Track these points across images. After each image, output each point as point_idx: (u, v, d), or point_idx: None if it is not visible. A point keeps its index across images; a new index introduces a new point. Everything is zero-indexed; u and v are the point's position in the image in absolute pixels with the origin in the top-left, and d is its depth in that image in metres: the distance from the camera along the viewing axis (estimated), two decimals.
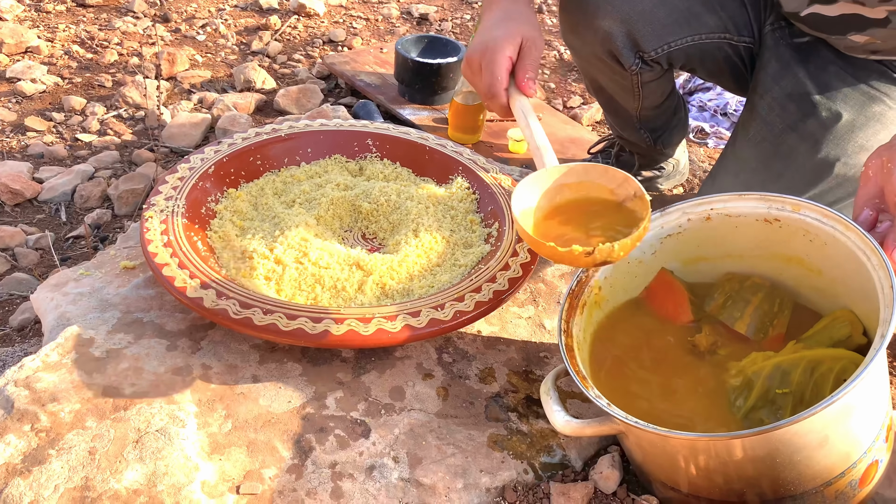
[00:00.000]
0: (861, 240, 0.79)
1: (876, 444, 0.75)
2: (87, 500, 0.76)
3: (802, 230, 0.86)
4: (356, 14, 2.32)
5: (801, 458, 0.70)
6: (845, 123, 1.13)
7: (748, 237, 0.91)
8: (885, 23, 1.08)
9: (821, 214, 0.84)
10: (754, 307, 0.89)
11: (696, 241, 0.93)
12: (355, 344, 0.88)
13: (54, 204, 1.49)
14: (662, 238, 0.93)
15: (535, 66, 0.98)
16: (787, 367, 0.79)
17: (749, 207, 0.89)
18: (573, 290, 0.88)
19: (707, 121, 1.89)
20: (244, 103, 1.79)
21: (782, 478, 0.71)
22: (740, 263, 0.94)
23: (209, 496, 0.78)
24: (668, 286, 0.92)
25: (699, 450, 0.73)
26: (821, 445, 0.70)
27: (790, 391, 0.77)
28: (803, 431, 0.69)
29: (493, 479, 0.84)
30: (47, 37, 2.02)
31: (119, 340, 0.93)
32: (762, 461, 0.70)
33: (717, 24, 1.21)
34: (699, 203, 0.92)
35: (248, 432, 0.85)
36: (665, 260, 0.94)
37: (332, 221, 1.09)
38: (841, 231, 0.82)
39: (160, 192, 1.04)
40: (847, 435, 0.72)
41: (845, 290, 0.85)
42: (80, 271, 1.04)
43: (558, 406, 0.79)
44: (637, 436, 0.76)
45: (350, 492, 0.81)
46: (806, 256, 0.88)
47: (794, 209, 0.87)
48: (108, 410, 0.84)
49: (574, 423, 0.78)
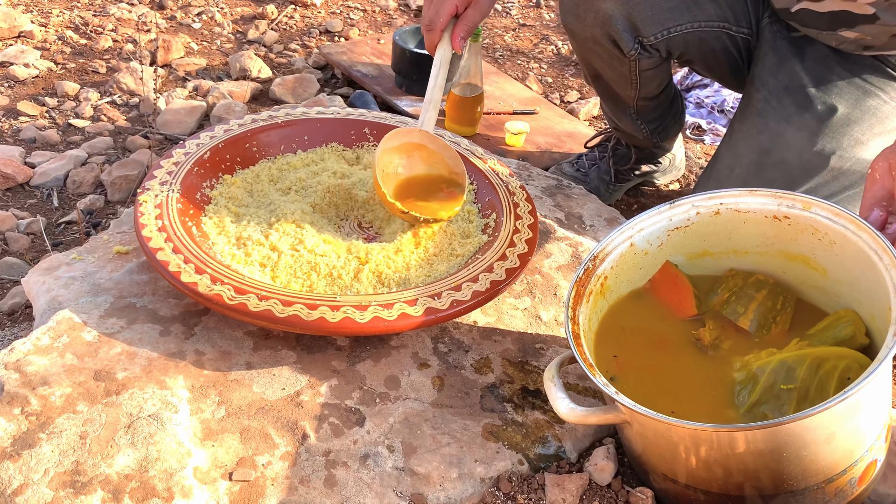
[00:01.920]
0: (873, 239, 0.79)
1: (877, 444, 0.76)
2: (77, 484, 0.75)
3: (812, 228, 0.86)
4: (353, 5, 2.31)
5: (807, 454, 0.70)
6: (841, 117, 1.14)
7: (755, 234, 0.91)
8: (873, 19, 1.09)
9: (832, 213, 0.84)
10: (758, 303, 0.89)
11: (702, 235, 0.93)
12: (351, 331, 0.87)
13: (46, 189, 1.47)
14: (670, 231, 0.93)
15: (470, 27, 1.09)
16: (792, 364, 0.79)
17: (759, 203, 0.89)
18: (580, 278, 0.88)
19: (704, 117, 1.89)
20: (240, 91, 1.78)
21: (786, 472, 0.71)
22: (744, 260, 0.94)
23: (201, 482, 0.77)
24: (672, 279, 0.92)
25: (703, 440, 0.72)
26: (828, 441, 0.70)
27: (795, 387, 0.77)
28: (813, 426, 0.69)
29: (487, 470, 0.83)
30: (41, 22, 2.00)
31: (112, 325, 0.92)
32: (768, 455, 0.70)
33: (717, 12, 1.21)
34: (710, 197, 0.92)
35: (241, 419, 0.84)
36: (670, 253, 0.94)
37: (328, 209, 1.08)
38: (852, 230, 0.82)
39: (155, 177, 1.03)
40: (853, 432, 0.72)
41: (850, 291, 0.86)
42: (73, 256, 1.03)
43: (563, 393, 0.79)
44: (641, 424, 0.76)
45: (344, 480, 0.80)
46: (812, 255, 0.88)
47: (805, 207, 0.87)
48: (99, 395, 0.83)
49: (579, 410, 0.77)
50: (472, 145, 1.20)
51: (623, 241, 0.92)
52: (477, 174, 1.14)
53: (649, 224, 0.93)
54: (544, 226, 1.19)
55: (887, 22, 1.08)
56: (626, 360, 0.87)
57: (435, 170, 1.10)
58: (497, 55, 2.13)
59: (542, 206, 1.25)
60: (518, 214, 1.06)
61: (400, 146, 1.09)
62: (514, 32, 2.26)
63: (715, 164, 1.27)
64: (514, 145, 1.65)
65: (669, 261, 0.94)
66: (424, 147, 1.10)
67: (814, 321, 0.88)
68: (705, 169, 1.33)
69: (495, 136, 1.69)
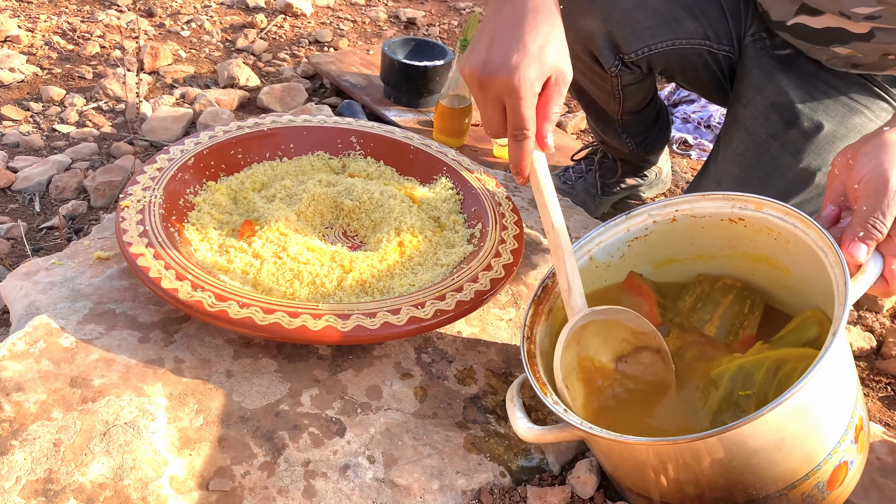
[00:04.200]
0: (819, 237, 0.77)
1: (843, 445, 0.73)
2: (49, 492, 0.73)
3: (766, 229, 0.84)
4: (343, 16, 2.31)
5: (758, 461, 0.68)
6: (827, 134, 1.14)
7: (716, 238, 0.89)
8: (868, 37, 1.09)
9: (781, 212, 0.82)
10: (724, 309, 0.88)
11: (664, 243, 0.92)
12: (333, 340, 0.86)
13: (28, 194, 1.46)
14: (629, 241, 0.92)
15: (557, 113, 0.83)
16: (749, 369, 0.77)
17: (713, 207, 0.88)
18: (538, 296, 0.87)
19: (691, 133, 1.90)
20: (227, 99, 1.77)
21: (743, 481, 0.70)
22: (711, 264, 0.92)
23: (177, 492, 0.76)
24: (636, 290, 0.91)
25: (661, 455, 0.71)
26: (778, 448, 0.68)
27: (753, 392, 0.75)
28: (756, 433, 0.67)
29: (469, 482, 0.82)
30: (28, 27, 1.99)
31: (90, 331, 0.90)
32: (721, 464, 0.68)
33: (698, 30, 1.22)
34: (665, 205, 0.90)
35: (219, 428, 0.83)
36: (634, 263, 0.93)
37: (313, 217, 1.07)
38: (801, 228, 0.80)
39: (138, 182, 1.02)
40: (807, 436, 0.69)
41: (813, 290, 0.84)
42: (52, 261, 1.01)
43: (521, 413, 0.78)
44: (597, 443, 0.75)
45: (323, 491, 0.79)
46: (773, 255, 0.86)
47: (757, 208, 0.85)
48: (75, 402, 0.81)
49: (535, 429, 0.76)
50: (459, 156, 1.20)
51: (582, 255, 0.91)
52: (463, 185, 1.14)
53: (607, 236, 0.92)
54: (530, 237, 1.18)
55: (882, 41, 1.09)
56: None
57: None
58: None
59: (529, 218, 1.24)
60: (504, 225, 1.06)
61: None
62: None
63: (702, 179, 1.27)
64: (501, 157, 1.65)
65: (633, 271, 0.93)
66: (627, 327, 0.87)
67: (784, 324, 0.86)
68: (691, 183, 1.33)
69: (483, 147, 1.69)
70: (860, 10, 1.06)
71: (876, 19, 1.05)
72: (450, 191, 1.14)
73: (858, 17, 1.07)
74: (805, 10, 1.12)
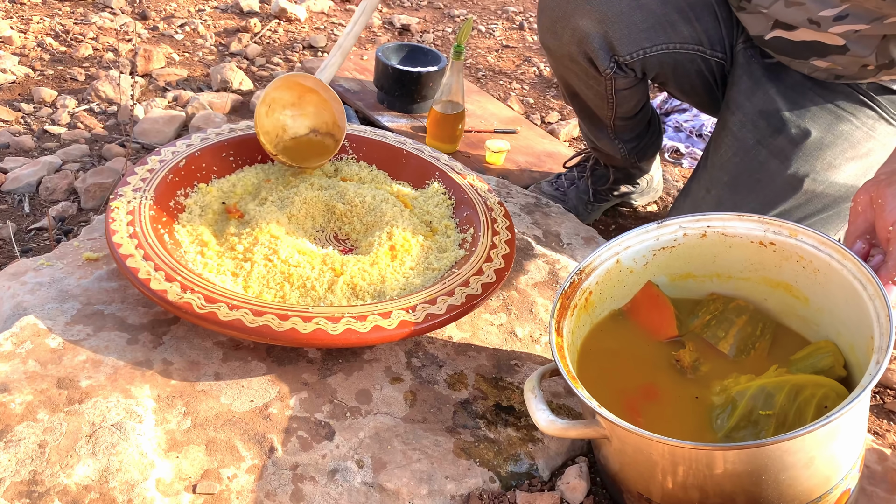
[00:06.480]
0: (858, 269, 0.80)
1: (852, 472, 0.76)
2: (34, 494, 0.72)
3: (797, 256, 0.87)
4: (338, 21, 2.31)
5: (786, 478, 0.70)
6: (814, 141, 1.15)
7: (740, 258, 0.91)
8: (843, 50, 1.11)
9: (818, 242, 0.85)
10: (738, 328, 0.89)
11: (687, 257, 0.93)
12: (322, 343, 0.86)
13: (18, 195, 1.45)
14: (656, 250, 0.93)
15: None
16: (771, 390, 0.78)
17: (746, 228, 0.90)
18: (566, 290, 0.87)
19: (683, 141, 1.90)
20: (220, 103, 1.77)
21: (763, 496, 0.70)
22: (726, 284, 0.94)
23: (164, 494, 0.75)
24: (653, 300, 0.92)
25: (683, 459, 0.71)
26: (807, 466, 0.70)
27: (774, 413, 0.77)
28: (794, 450, 0.68)
29: (458, 487, 0.82)
30: (20, 28, 1.98)
31: (78, 332, 0.89)
32: (746, 477, 0.69)
33: (692, 35, 1.22)
34: (698, 219, 0.92)
35: (207, 430, 0.82)
36: (654, 273, 0.94)
37: (305, 221, 1.07)
38: (837, 259, 0.82)
39: (128, 184, 1.02)
40: (831, 459, 0.72)
41: (831, 321, 0.86)
42: (41, 261, 1.00)
43: (543, 405, 0.77)
44: (621, 440, 0.75)
45: (311, 494, 0.78)
46: (795, 283, 0.89)
47: (791, 234, 0.87)
48: (61, 403, 0.81)
49: (559, 423, 0.76)
50: (452, 161, 1.20)
51: (610, 256, 0.91)
52: (455, 189, 1.14)
53: (636, 242, 0.92)
54: (522, 243, 1.18)
55: (857, 53, 1.10)
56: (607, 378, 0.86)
57: (319, 118, 1.14)
58: (480, 75, 2.14)
59: (521, 224, 1.24)
60: (496, 230, 1.06)
61: (292, 84, 1.12)
62: (497, 53, 2.27)
63: (691, 185, 1.28)
64: (494, 163, 1.65)
65: (651, 281, 0.93)
66: (316, 93, 1.14)
67: (792, 348, 0.88)
68: (682, 189, 1.34)
69: (476, 153, 1.69)
70: (826, 13, 1.07)
71: (843, 19, 1.06)
72: (442, 195, 1.14)
73: (828, 23, 1.08)
74: (780, 25, 1.14)
